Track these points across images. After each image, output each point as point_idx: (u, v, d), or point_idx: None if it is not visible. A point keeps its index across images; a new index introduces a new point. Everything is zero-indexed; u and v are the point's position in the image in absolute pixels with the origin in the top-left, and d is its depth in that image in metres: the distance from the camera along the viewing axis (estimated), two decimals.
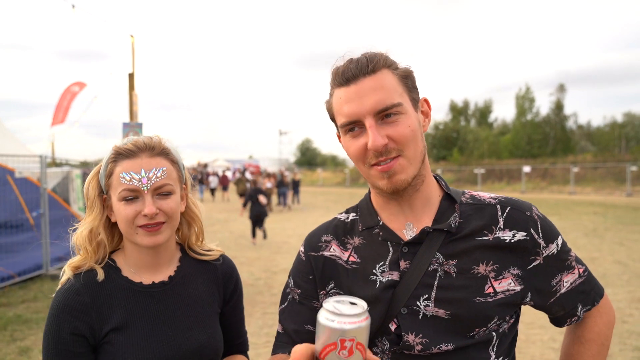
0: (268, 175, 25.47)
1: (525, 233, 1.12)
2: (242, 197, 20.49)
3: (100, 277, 1.28)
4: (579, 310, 1.19)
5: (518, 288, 1.11)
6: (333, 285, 1.20)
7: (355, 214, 1.27)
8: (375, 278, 1.14)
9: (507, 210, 1.15)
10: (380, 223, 1.18)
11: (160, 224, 1.25)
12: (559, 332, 5.00)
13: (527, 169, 31.96)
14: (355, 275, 1.17)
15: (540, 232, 1.14)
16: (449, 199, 1.19)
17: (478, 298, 1.08)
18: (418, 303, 1.09)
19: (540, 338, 4.99)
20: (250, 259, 9.36)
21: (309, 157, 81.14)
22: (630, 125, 53.50)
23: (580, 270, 1.19)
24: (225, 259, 1.51)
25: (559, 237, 1.17)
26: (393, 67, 1.10)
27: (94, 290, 1.26)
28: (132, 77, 10.53)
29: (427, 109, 1.17)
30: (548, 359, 4.49)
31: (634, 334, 5.10)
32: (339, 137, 1.19)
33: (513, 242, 1.11)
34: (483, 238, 1.12)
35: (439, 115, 60.45)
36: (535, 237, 1.13)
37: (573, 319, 1.20)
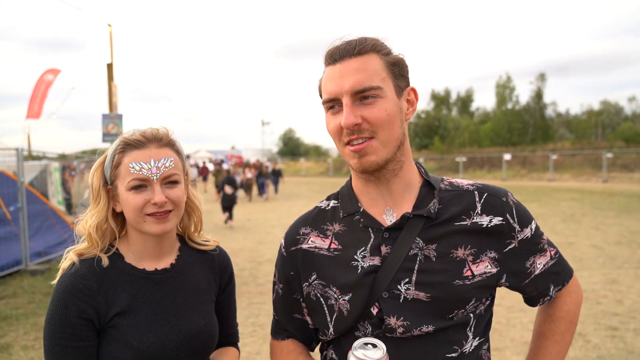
0: (248, 166, 25.49)
1: (502, 218, 1.16)
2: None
3: (105, 263, 1.31)
4: (551, 290, 1.25)
5: (494, 270, 1.15)
6: (315, 277, 1.24)
7: (336, 201, 1.29)
8: (357, 264, 1.17)
9: (484, 197, 1.19)
10: (361, 210, 1.21)
11: (168, 212, 1.28)
12: None
13: (507, 157, 32.40)
14: (337, 262, 1.20)
15: (516, 217, 1.18)
16: (429, 186, 1.22)
17: (457, 281, 1.12)
18: (399, 287, 1.12)
19: (520, 321, 5.13)
20: (235, 250, 9.36)
21: (292, 147, 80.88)
22: (606, 113, 54.58)
23: (552, 253, 1.25)
24: (222, 250, 1.55)
25: (533, 221, 1.22)
26: (383, 52, 1.13)
27: (100, 276, 1.29)
28: (110, 67, 10.33)
29: (413, 98, 1.19)
30: (528, 341, 4.62)
31: (607, 314, 5.27)
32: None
33: (490, 226, 1.15)
34: (461, 223, 1.16)
35: (421, 104, 60.74)
36: (511, 221, 1.17)
37: (546, 299, 1.26)
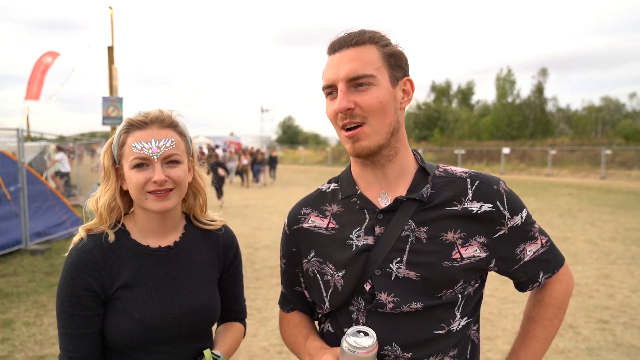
0: (243, 153, 25.66)
1: (492, 205, 1.21)
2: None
3: (112, 239, 1.36)
4: (540, 277, 1.30)
5: (483, 255, 1.21)
6: (314, 254, 1.30)
7: (336, 184, 1.36)
8: (352, 242, 1.23)
9: (476, 184, 1.24)
10: (358, 192, 1.27)
11: (169, 191, 1.33)
12: None
13: (506, 151, 32.41)
14: (334, 240, 1.27)
15: (506, 204, 1.23)
16: (423, 172, 1.27)
17: (446, 262, 1.17)
18: (391, 265, 1.18)
19: (513, 312, 5.21)
20: None
21: (291, 134, 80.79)
22: (607, 110, 54.57)
23: (543, 241, 1.29)
24: (227, 230, 1.61)
25: (524, 210, 1.27)
26: (381, 44, 1.19)
27: (105, 251, 1.35)
28: (111, 50, 10.29)
29: (409, 88, 1.25)
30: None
31: (599, 308, 5.36)
32: None
33: (480, 212, 1.20)
34: (452, 208, 1.21)
35: (421, 96, 60.57)
36: (501, 209, 1.22)
37: (535, 285, 1.31)
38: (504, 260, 1.25)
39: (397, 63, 1.21)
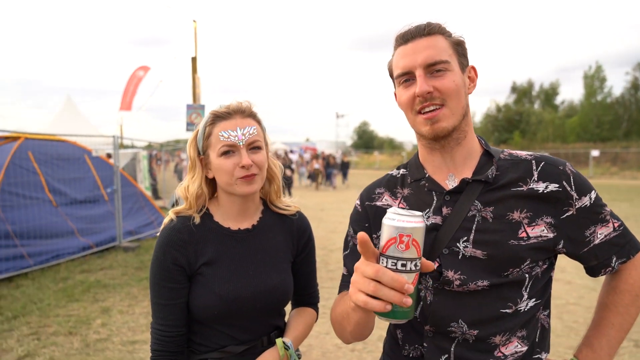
0: (316, 157, 26.44)
1: (558, 185, 1.22)
2: None
3: (197, 221, 1.51)
4: (614, 262, 1.26)
5: (551, 235, 1.21)
6: None
7: (405, 170, 1.43)
8: None
9: (541, 165, 1.25)
10: (427, 175, 1.33)
11: (254, 175, 1.46)
12: None
13: (595, 153, 30.28)
14: None
15: (573, 185, 1.22)
16: (488, 155, 1.31)
17: (512, 241, 1.19)
18: (458, 244, 1.22)
19: None
20: None
21: (366, 140, 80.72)
22: None
23: (616, 225, 1.27)
24: (301, 215, 1.72)
25: (593, 191, 1.25)
26: (447, 34, 1.27)
27: (192, 231, 1.50)
28: (194, 60, 10.91)
29: (473, 75, 1.32)
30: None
31: None
32: (396, 95, 1.35)
33: (546, 192, 1.21)
34: (518, 189, 1.23)
35: (501, 97, 58.06)
36: (568, 189, 1.22)
37: (607, 269, 1.28)
38: (573, 242, 1.24)
39: (462, 52, 1.28)
